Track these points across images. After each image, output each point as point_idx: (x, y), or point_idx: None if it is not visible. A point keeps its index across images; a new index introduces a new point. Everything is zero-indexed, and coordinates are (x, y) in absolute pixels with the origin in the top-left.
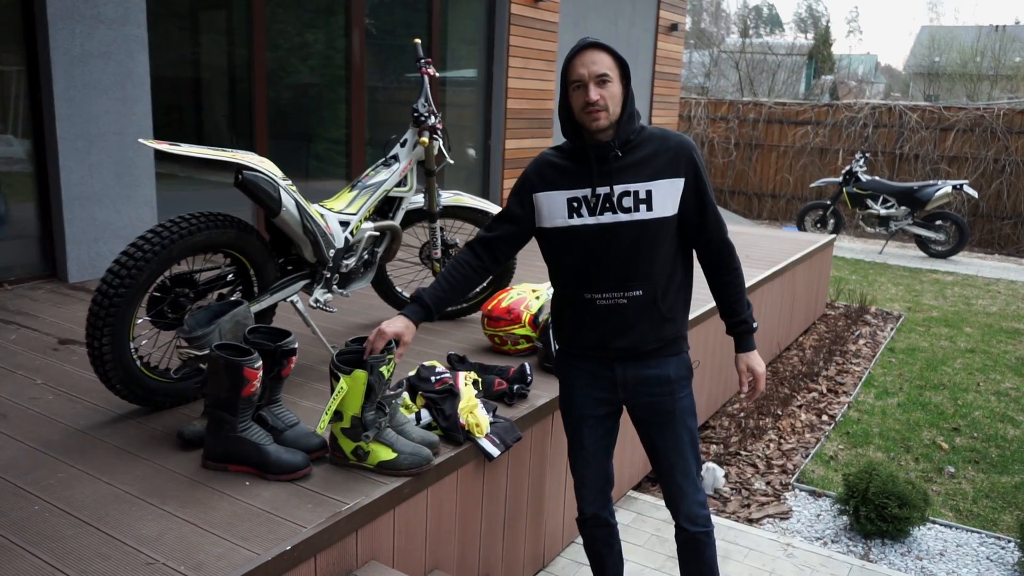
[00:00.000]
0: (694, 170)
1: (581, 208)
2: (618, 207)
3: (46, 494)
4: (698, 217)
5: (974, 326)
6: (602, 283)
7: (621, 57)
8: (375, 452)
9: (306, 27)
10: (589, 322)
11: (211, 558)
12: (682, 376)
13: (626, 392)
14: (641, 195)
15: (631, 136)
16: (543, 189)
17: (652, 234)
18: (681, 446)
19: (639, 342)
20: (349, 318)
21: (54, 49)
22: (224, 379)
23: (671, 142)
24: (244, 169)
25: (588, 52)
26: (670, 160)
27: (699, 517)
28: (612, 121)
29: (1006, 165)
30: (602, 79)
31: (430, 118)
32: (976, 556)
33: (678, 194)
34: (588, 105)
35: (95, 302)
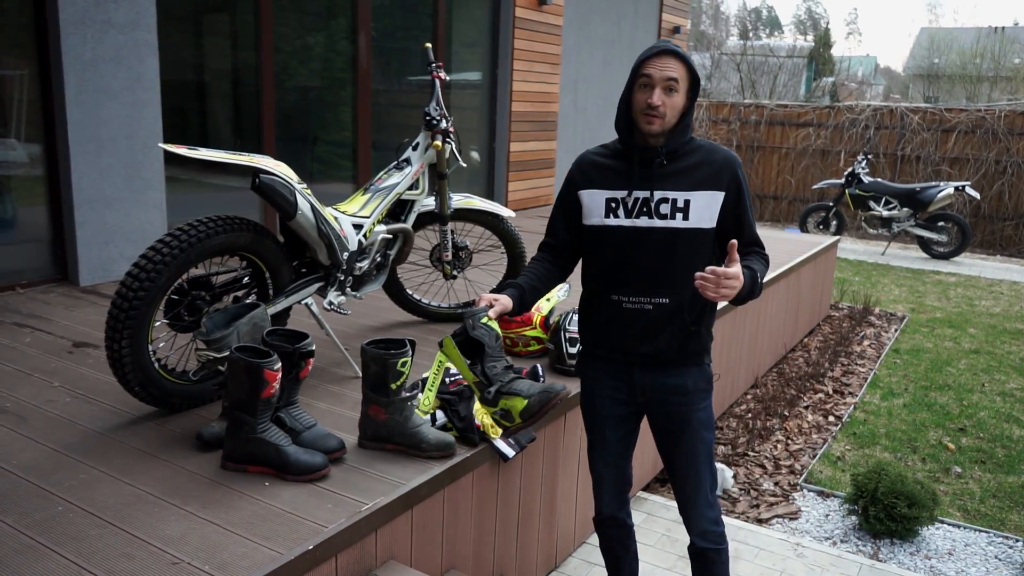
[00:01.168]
0: (736, 185)
1: (618, 209)
2: (655, 212)
3: (69, 495)
4: (735, 232)
5: (978, 327)
6: (630, 286)
7: (695, 71)
8: (514, 407)
9: (313, 31)
10: (614, 324)
11: (235, 558)
12: (701, 388)
13: (644, 397)
14: (679, 203)
15: (679, 146)
16: (585, 187)
17: (685, 243)
18: (695, 459)
19: (661, 350)
20: (362, 320)
21: (65, 53)
22: (244, 381)
23: (717, 155)
24: (261, 173)
25: (665, 56)
26: (713, 173)
27: (710, 533)
28: (665, 130)
29: (1007, 166)
30: (669, 86)
31: (442, 122)
32: (984, 555)
33: (717, 207)
34: (648, 107)
35: (115, 305)
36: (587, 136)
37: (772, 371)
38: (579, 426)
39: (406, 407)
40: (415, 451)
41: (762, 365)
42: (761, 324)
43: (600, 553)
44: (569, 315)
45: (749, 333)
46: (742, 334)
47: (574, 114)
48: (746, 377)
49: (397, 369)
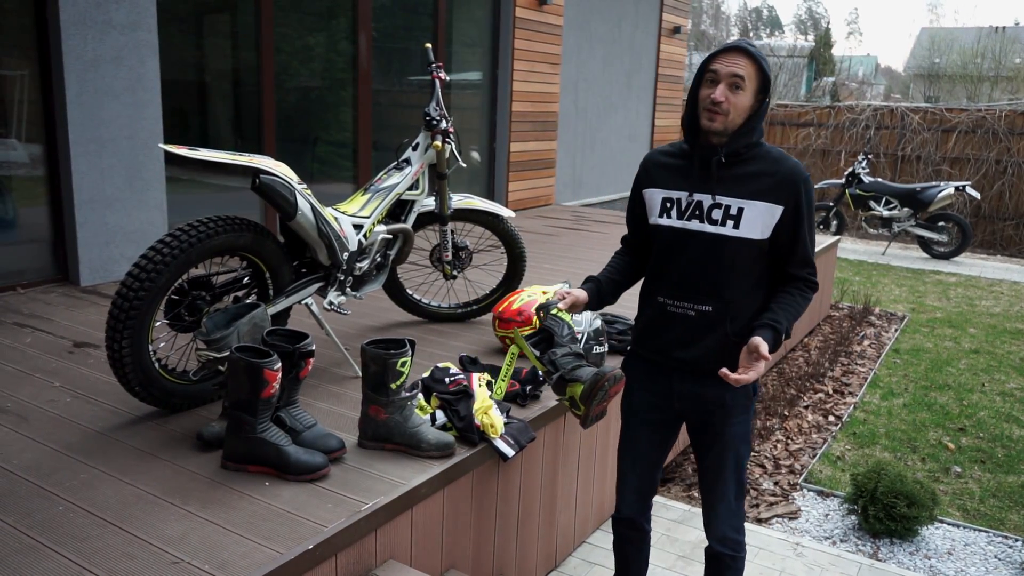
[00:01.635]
0: (796, 201)
1: (672, 209)
2: (706, 217)
3: (70, 495)
4: (787, 248)
5: (978, 327)
6: (674, 290)
7: (766, 71)
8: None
9: (313, 31)
10: (657, 326)
11: (235, 557)
12: (739, 403)
13: (681, 405)
14: (732, 211)
15: (741, 149)
16: (648, 186)
17: (731, 252)
18: (723, 470)
19: (701, 359)
20: (362, 320)
21: (66, 54)
22: (244, 381)
23: (783, 167)
24: (261, 173)
25: (734, 53)
26: (775, 185)
27: (729, 540)
28: (727, 130)
29: (1008, 166)
30: (735, 82)
31: (442, 122)
32: (984, 555)
33: (773, 221)
34: (711, 103)
35: (115, 305)
36: (587, 136)
37: (772, 371)
38: (577, 426)
39: (406, 407)
40: (415, 451)
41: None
42: None
43: (603, 552)
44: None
45: None
46: None
47: (574, 114)
48: None
49: (397, 369)
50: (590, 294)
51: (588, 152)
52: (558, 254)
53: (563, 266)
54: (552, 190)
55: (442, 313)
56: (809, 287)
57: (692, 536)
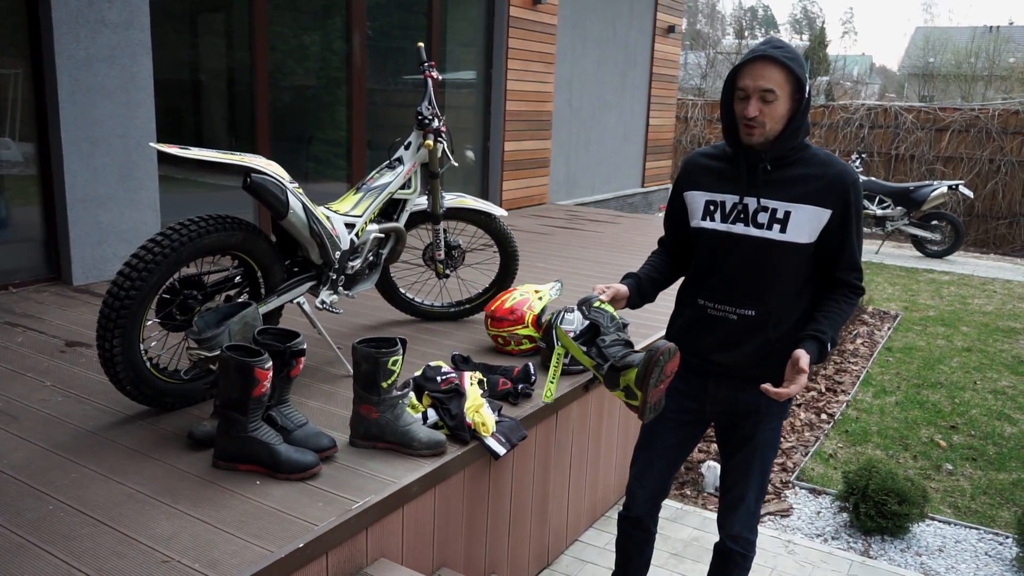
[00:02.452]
0: (845, 205)
1: (716, 212)
2: (751, 221)
3: (60, 494)
4: (834, 253)
5: (970, 325)
6: (716, 293)
7: (796, 71)
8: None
9: (307, 30)
10: (696, 328)
11: (225, 555)
12: (773, 411)
13: (714, 407)
14: (779, 214)
15: (787, 152)
16: (690, 188)
17: (777, 256)
18: (748, 472)
19: (740, 363)
20: (355, 319)
21: (59, 53)
22: (235, 380)
23: (831, 170)
24: (252, 172)
25: (759, 64)
26: (823, 188)
27: (741, 539)
28: (768, 138)
29: (1001, 165)
30: (765, 95)
31: (434, 121)
32: (975, 552)
33: (820, 225)
34: (746, 119)
35: (106, 304)
36: (582, 135)
37: None
38: (572, 423)
39: (397, 405)
40: (406, 449)
41: None
42: None
43: (595, 550)
44: (560, 313)
45: None
46: None
47: (569, 113)
48: None
49: (388, 368)
50: (630, 289)
51: (582, 151)
52: (552, 253)
53: (556, 265)
54: (546, 189)
55: (435, 312)
56: (855, 292)
57: (684, 534)
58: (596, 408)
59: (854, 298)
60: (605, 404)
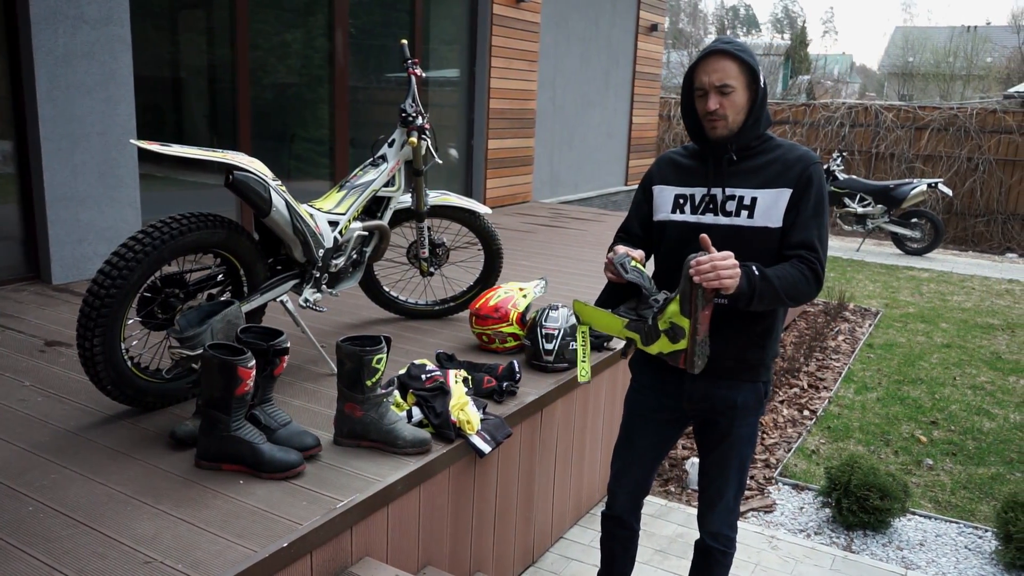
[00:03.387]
0: (806, 183)
1: (685, 205)
2: (720, 209)
3: (40, 495)
4: (789, 230)
5: (950, 322)
6: None
7: (749, 62)
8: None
9: (289, 27)
10: None
11: (208, 556)
12: (749, 406)
13: (691, 404)
14: (746, 201)
15: (752, 142)
16: (659, 183)
17: (746, 242)
18: (726, 469)
19: (716, 356)
20: (338, 318)
21: (37, 49)
22: (218, 379)
23: (792, 154)
24: (235, 169)
25: (713, 59)
26: (782, 170)
27: (721, 536)
28: (732, 130)
29: (979, 164)
30: (723, 89)
31: (418, 118)
32: (955, 545)
33: (784, 205)
34: (708, 114)
35: (86, 303)
36: (565, 133)
37: None
38: (556, 421)
39: (382, 404)
40: (391, 448)
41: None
42: None
43: (580, 548)
44: (545, 311)
45: None
46: None
47: (552, 111)
48: None
49: (372, 366)
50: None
51: (566, 149)
52: (535, 251)
53: (540, 263)
54: (530, 187)
55: (419, 310)
56: (806, 264)
57: (669, 530)
58: (581, 406)
59: (805, 267)
60: (590, 401)
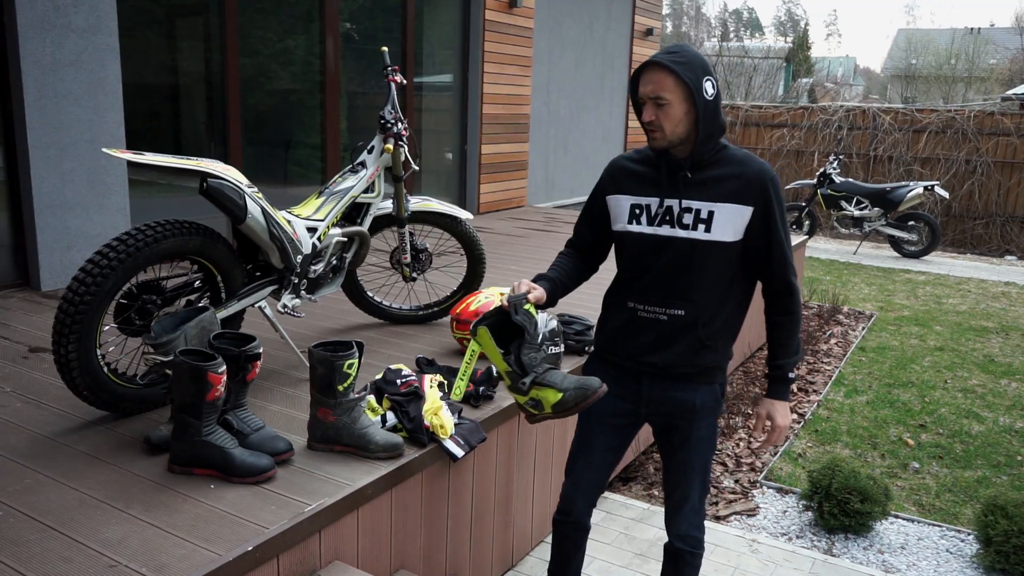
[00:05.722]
0: (766, 201)
1: (641, 216)
2: (677, 222)
3: (11, 500)
4: (763, 251)
5: (944, 324)
6: (646, 295)
7: (686, 77)
8: (546, 398)
9: (281, 34)
10: (627, 331)
11: (173, 559)
12: (707, 407)
13: (649, 409)
14: (703, 214)
15: (706, 156)
16: (613, 192)
17: (704, 256)
18: (689, 472)
19: (672, 363)
20: (321, 323)
21: (24, 58)
22: (188, 384)
23: (749, 168)
24: (209, 177)
25: (649, 71)
26: (742, 186)
27: (689, 538)
28: (672, 141)
29: (977, 166)
30: (658, 101)
31: (396, 125)
32: (936, 549)
33: (744, 222)
34: (644, 124)
35: (61, 309)
36: (559, 138)
37: (738, 370)
38: (535, 426)
39: (354, 409)
40: (363, 452)
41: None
42: None
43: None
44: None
45: None
46: None
47: (546, 116)
48: None
49: (344, 371)
50: (547, 292)
51: (560, 154)
52: (525, 255)
53: (529, 267)
54: (524, 192)
55: (402, 315)
56: (792, 299)
57: (650, 534)
58: None
59: (794, 307)
60: None
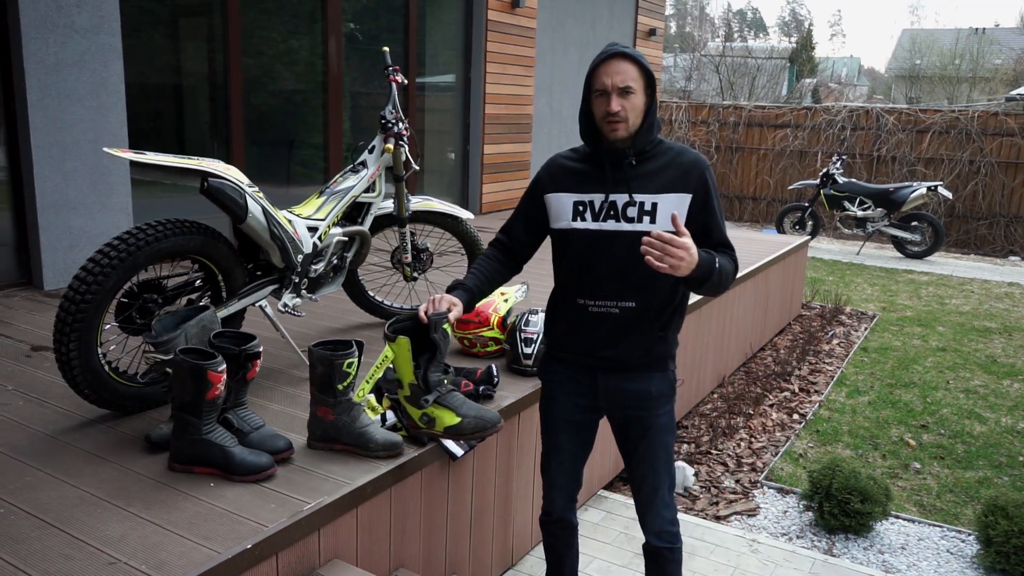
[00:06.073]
0: (704, 188)
1: (586, 212)
2: (622, 216)
3: (12, 497)
4: (704, 236)
5: (947, 325)
6: (596, 290)
7: (647, 68)
8: (440, 418)
9: (284, 34)
10: (579, 328)
11: (172, 557)
12: (663, 393)
13: (606, 402)
14: (647, 206)
15: (647, 147)
16: (553, 190)
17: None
18: (654, 461)
19: (626, 354)
20: (322, 322)
21: (27, 58)
22: (188, 383)
23: (685, 157)
24: (209, 176)
25: (614, 61)
26: (681, 175)
27: (665, 533)
28: (631, 132)
29: (981, 167)
30: (625, 90)
31: (397, 125)
32: (937, 549)
33: (685, 209)
34: (609, 115)
35: (62, 308)
36: (562, 138)
37: (740, 370)
38: (534, 425)
39: (354, 408)
40: (363, 451)
41: (729, 365)
42: (728, 325)
43: None
44: (524, 315)
45: (715, 334)
46: (707, 335)
47: (549, 116)
48: (712, 377)
49: (343, 370)
50: (463, 303)
51: None
52: None
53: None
54: None
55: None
56: (732, 258)
57: None
58: None
59: (733, 257)
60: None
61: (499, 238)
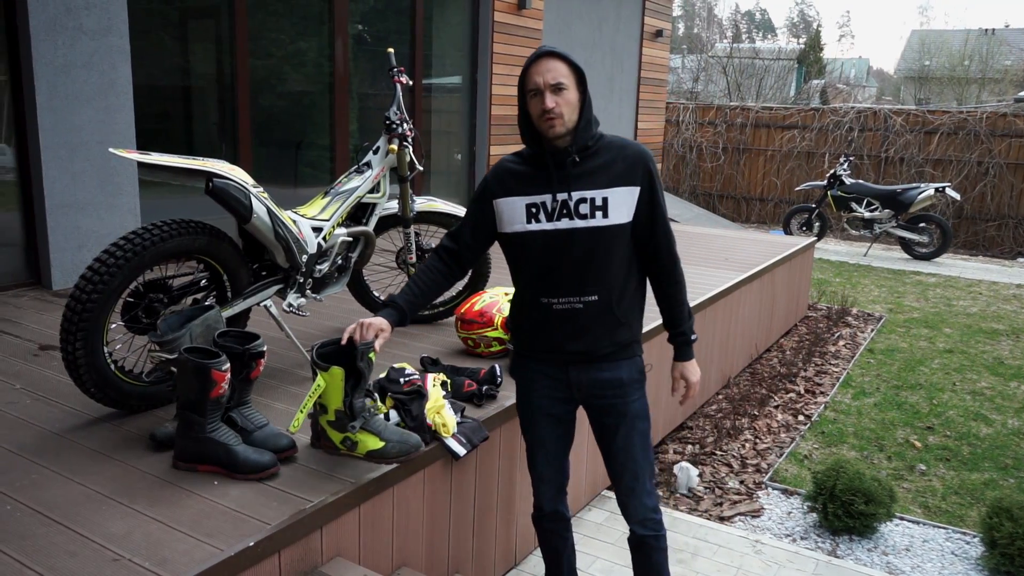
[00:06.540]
0: (649, 179)
1: (539, 214)
2: (575, 213)
3: (19, 494)
4: (650, 227)
5: (954, 327)
6: (559, 288)
7: (577, 65)
8: (363, 442)
9: (291, 36)
10: (545, 326)
11: (176, 554)
12: (634, 379)
13: (581, 393)
14: (598, 202)
15: (589, 143)
16: (503, 195)
17: (608, 240)
18: (632, 449)
19: (593, 346)
20: (326, 322)
21: (37, 60)
22: (193, 381)
23: (629, 151)
24: (214, 177)
25: (544, 61)
26: (627, 168)
27: (649, 521)
28: (569, 128)
29: (989, 168)
30: (557, 87)
31: (401, 126)
32: (941, 551)
33: (633, 201)
34: (544, 112)
35: (68, 307)
36: None
37: (745, 371)
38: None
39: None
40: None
41: (734, 366)
42: (733, 326)
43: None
44: None
45: (720, 335)
46: (713, 336)
47: None
48: (718, 378)
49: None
50: (391, 322)
51: None
52: None
53: None
54: None
55: None
56: (676, 268)
57: None
58: None
59: (680, 276)
60: None
61: (446, 244)
